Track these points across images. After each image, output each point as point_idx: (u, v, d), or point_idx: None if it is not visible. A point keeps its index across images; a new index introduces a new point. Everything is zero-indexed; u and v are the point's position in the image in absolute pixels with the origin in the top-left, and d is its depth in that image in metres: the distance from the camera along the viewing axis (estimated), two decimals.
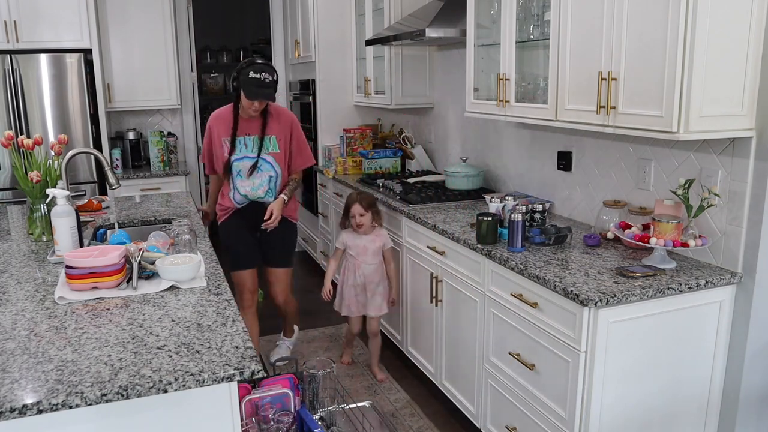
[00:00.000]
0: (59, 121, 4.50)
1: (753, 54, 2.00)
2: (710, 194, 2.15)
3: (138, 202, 3.55)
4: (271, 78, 2.91)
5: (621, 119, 2.15)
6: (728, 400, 2.26)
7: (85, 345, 1.60)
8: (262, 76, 2.89)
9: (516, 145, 3.35)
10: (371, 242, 3.22)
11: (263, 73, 2.89)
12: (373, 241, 3.22)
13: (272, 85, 2.92)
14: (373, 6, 4.32)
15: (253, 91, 2.89)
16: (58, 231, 2.33)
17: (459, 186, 3.55)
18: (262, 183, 3.13)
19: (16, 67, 4.33)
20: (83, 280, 1.98)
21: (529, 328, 2.28)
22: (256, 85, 2.89)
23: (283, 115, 3.17)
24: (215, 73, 7.72)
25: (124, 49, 4.95)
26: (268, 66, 2.93)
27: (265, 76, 2.89)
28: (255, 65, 2.91)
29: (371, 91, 4.45)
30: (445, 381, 3.02)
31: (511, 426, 2.44)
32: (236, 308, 1.85)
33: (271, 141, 3.12)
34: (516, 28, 2.72)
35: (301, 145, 3.25)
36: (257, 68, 2.90)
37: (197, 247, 2.38)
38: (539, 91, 2.73)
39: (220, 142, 3.11)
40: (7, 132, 2.71)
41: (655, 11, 1.97)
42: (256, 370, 1.48)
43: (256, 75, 2.88)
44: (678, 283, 2.05)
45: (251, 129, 3.10)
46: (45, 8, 4.41)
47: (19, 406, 1.32)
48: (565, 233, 2.51)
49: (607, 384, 2.05)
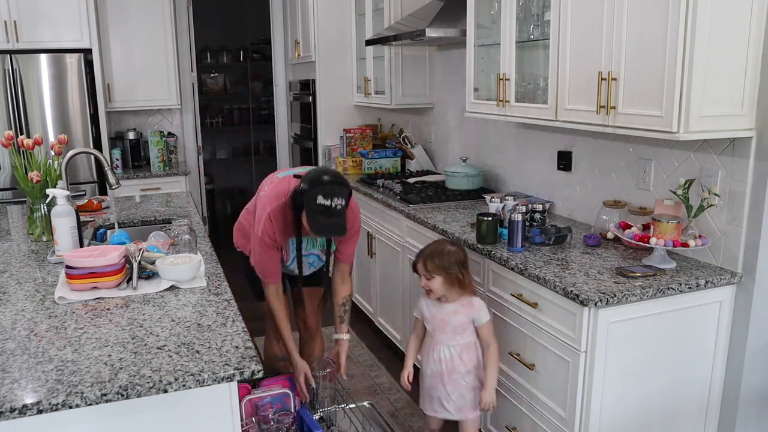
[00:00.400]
0: (59, 121, 4.50)
1: (753, 54, 2.00)
2: (710, 194, 2.15)
3: (138, 202, 3.55)
4: (343, 203, 2.17)
5: (621, 119, 2.15)
6: (728, 400, 2.26)
7: (85, 345, 1.60)
8: (333, 203, 2.15)
9: (516, 145, 3.35)
10: (453, 314, 2.30)
11: (335, 199, 2.15)
12: (455, 313, 2.30)
13: (344, 212, 2.20)
14: (373, 6, 4.32)
15: (322, 224, 2.17)
16: (58, 231, 2.33)
17: (459, 186, 3.55)
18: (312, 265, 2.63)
19: (16, 67, 4.33)
20: (83, 280, 1.98)
21: (529, 328, 2.28)
22: (323, 214, 2.15)
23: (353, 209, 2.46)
24: (215, 73, 7.72)
25: (124, 49, 4.95)
26: (341, 186, 2.18)
27: (337, 203, 2.15)
28: (325, 186, 2.15)
29: (371, 91, 4.45)
30: None
31: (511, 426, 2.44)
32: (236, 308, 1.85)
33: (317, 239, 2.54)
34: (516, 28, 2.72)
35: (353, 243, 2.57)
36: (328, 191, 2.15)
37: (197, 247, 2.38)
38: (539, 91, 2.73)
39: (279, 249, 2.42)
40: (7, 132, 2.71)
41: (655, 11, 1.97)
42: (256, 370, 1.48)
43: (326, 202, 2.14)
44: (678, 283, 2.05)
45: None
46: (45, 8, 4.41)
47: (19, 406, 1.32)
48: (565, 233, 2.51)
49: (607, 384, 2.05)
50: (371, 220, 3.78)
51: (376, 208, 3.69)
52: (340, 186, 2.18)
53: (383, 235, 3.62)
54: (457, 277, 2.27)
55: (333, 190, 2.16)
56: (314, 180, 2.18)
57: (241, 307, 1.93)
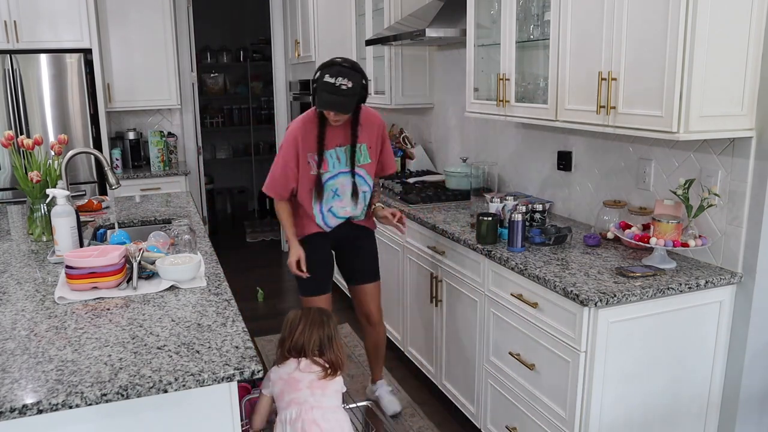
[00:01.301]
0: (59, 121, 4.50)
1: (753, 54, 2.00)
2: (710, 194, 2.15)
3: (138, 202, 3.55)
4: (349, 84, 2.40)
5: (621, 119, 2.15)
6: (728, 400, 2.26)
7: (85, 345, 1.60)
8: (338, 82, 2.39)
9: (516, 145, 3.35)
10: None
11: (340, 78, 2.40)
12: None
13: (349, 93, 2.42)
14: (373, 6, 4.32)
15: (324, 99, 2.43)
16: (58, 231, 2.33)
17: (459, 186, 3.55)
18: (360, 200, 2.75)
19: (16, 67, 4.33)
20: (83, 280, 1.98)
21: (529, 328, 2.28)
22: (329, 91, 2.41)
23: (373, 121, 2.71)
24: (215, 73, 7.72)
25: (124, 49, 4.95)
26: (350, 70, 2.43)
27: (342, 82, 2.39)
28: (333, 67, 2.44)
29: (371, 91, 4.45)
30: (445, 381, 3.02)
31: (511, 426, 2.44)
32: (236, 308, 1.85)
33: (362, 150, 2.69)
34: (516, 28, 2.72)
35: (389, 153, 2.82)
36: (335, 71, 2.42)
37: (197, 247, 2.38)
38: (539, 91, 2.73)
39: (305, 159, 2.62)
40: (7, 132, 2.71)
41: (655, 11, 1.97)
42: (256, 370, 1.48)
43: (331, 80, 2.40)
44: (678, 283, 2.05)
45: (340, 138, 2.64)
46: (45, 8, 4.41)
47: (19, 406, 1.32)
48: (565, 233, 2.51)
49: (607, 384, 2.05)
50: None
51: None
52: (348, 69, 2.42)
53: (383, 235, 3.62)
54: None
55: (340, 70, 2.41)
56: (325, 63, 2.48)
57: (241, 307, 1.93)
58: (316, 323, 2.13)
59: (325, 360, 2.08)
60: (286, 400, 2.04)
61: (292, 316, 2.18)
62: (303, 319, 2.14)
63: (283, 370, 2.08)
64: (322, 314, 2.20)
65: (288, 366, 2.08)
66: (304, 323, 2.13)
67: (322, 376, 2.03)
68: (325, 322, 2.16)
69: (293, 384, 2.04)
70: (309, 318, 2.16)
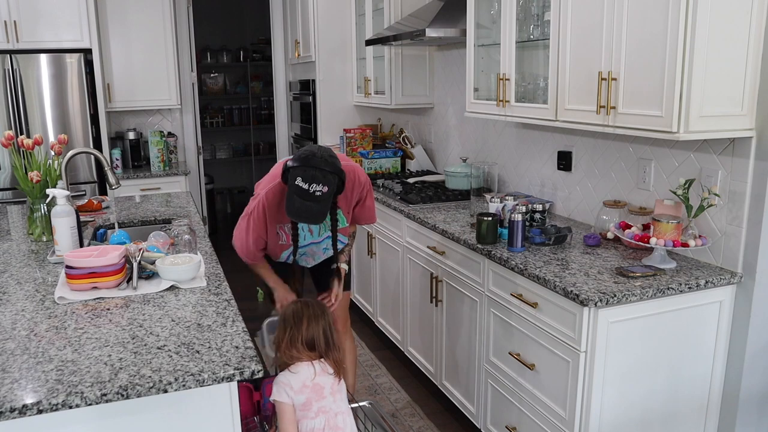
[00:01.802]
0: (59, 121, 4.50)
1: (753, 54, 2.00)
2: (710, 194, 2.15)
3: (138, 202, 3.55)
4: (324, 190, 2.03)
5: (621, 119, 2.15)
6: (728, 400, 2.26)
7: (85, 345, 1.60)
8: (312, 188, 2.02)
9: (516, 145, 3.35)
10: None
11: (314, 184, 2.02)
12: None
13: (324, 198, 2.05)
14: (373, 6, 4.32)
15: (295, 206, 2.04)
16: (58, 231, 2.33)
17: (459, 186, 3.55)
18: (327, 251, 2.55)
19: (16, 67, 4.33)
20: (83, 280, 1.98)
21: (529, 328, 2.28)
22: (300, 196, 2.03)
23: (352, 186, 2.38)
24: (215, 73, 7.72)
25: (124, 49, 4.95)
26: (324, 172, 2.05)
27: (317, 189, 2.02)
28: (307, 169, 2.03)
29: (371, 91, 4.45)
30: (445, 381, 3.02)
31: (511, 426, 2.44)
32: (236, 308, 1.85)
33: (338, 216, 2.41)
34: (516, 28, 2.72)
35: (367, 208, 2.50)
36: (308, 175, 2.03)
37: (197, 247, 2.38)
38: (539, 91, 2.73)
39: (274, 229, 2.36)
40: (7, 132, 2.71)
41: (655, 11, 1.97)
42: (256, 370, 1.48)
43: (304, 185, 2.02)
44: (678, 283, 2.05)
45: None
46: (45, 8, 4.41)
47: (19, 406, 1.32)
48: (565, 233, 2.51)
49: (607, 384, 2.05)
50: None
51: (376, 208, 3.68)
52: (324, 172, 2.03)
53: (383, 235, 3.62)
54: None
55: (314, 175, 2.03)
56: (300, 158, 2.07)
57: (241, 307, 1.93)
58: (317, 315, 1.98)
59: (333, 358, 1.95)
60: (315, 409, 1.89)
61: (291, 309, 2.01)
62: (304, 310, 1.98)
63: (304, 376, 1.89)
64: (318, 305, 2.05)
65: (305, 370, 1.90)
66: (307, 315, 1.97)
67: (338, 380, 1.92)
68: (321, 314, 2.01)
69: (319, 391, 1.89)
70: (309, 310, 2.00)
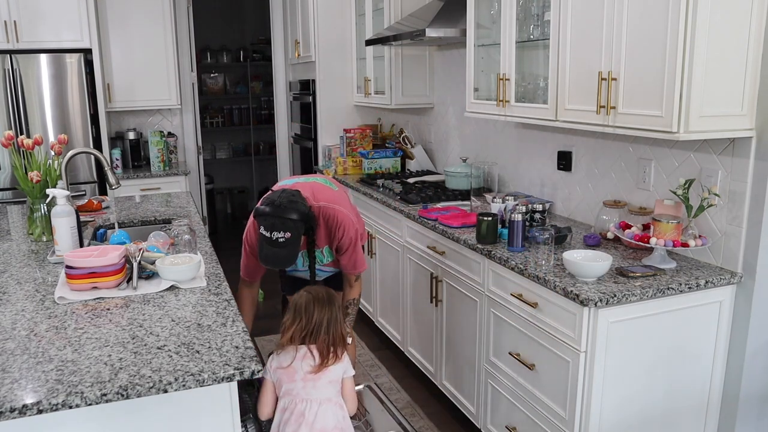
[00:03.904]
0: (59, 121, 4.50)
1: (753, 54, 2.00)
2: (710, 194, 2.15)
3: (138, 202, 3.55)
4: (287, 236, 2.11)
5: (621, 119, 2.15)
6: (728, 400, 2.26)
7: (85, 345, 1.60)
8: (274, 236, 2.11)
9: (516, 145, 3.35)
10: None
11: (275, 233, 2.11)
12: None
13: (289, 243, 2.13)
14: (373, 6, 4.32)
15: (264, 254, 2.15)
16: (58, 231, 2.33)
17: (459, 186, 3.55)
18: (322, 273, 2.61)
19: (16, 67, 4.33)
20: (83, 280, 1.98)
21: (529, 328, 2.28)
22: (267, 243, 2.13)
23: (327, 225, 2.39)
24: (215, 73, 7.72)
25: (124, 49, 4.95)
26: (283, 219, 2.11)
27: (278, 236, 2.11)
28: (267, 218, 2.12)
29: (371, 91, 4.45)
30: (445, 381, 3.02)
31: (511, 426, 2.44)
32: (236, 308, 1.85)
33: (324, 252, 2.47)
34: (516, 28, 2.72)
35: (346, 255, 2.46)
36: (268, 224, 2.11)
37: (197, 247, 2.38)
38: (539, 91, 2.73)
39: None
40: (7, 132, 2.71)
41: (655, 11, 1.97)
42: (256, 370, 1.48)
43: (266, 233, 2.12)
44: (678, 283, 2.05)
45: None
46: (45, 8, 4.41)
47: (19, 406, 1.32)
48: (565, 233, 2.51)
49: (607, 384, 2.05)
50: (371, 220, 3.78)
51: (376, 208, 3.69)
52: (283, 220, 2.11)
53: (383, 235, 3.62)
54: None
55: (273, 223, 2.11)
56: (261, 207, 2.16)
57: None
58: (325, 304, 2.06)
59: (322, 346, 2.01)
60: (284, 389, 2.02)
61: (303, 299, 2.07)
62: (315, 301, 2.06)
63: (283, 359, 2.02)
64: (330, 295, 2.12)
65: (287, 355, 2.02)
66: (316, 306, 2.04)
67: (315, 370, 1.98)
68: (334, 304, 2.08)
69: (291, 374, 2.01)
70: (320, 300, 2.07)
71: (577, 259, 2.14)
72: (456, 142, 4.00)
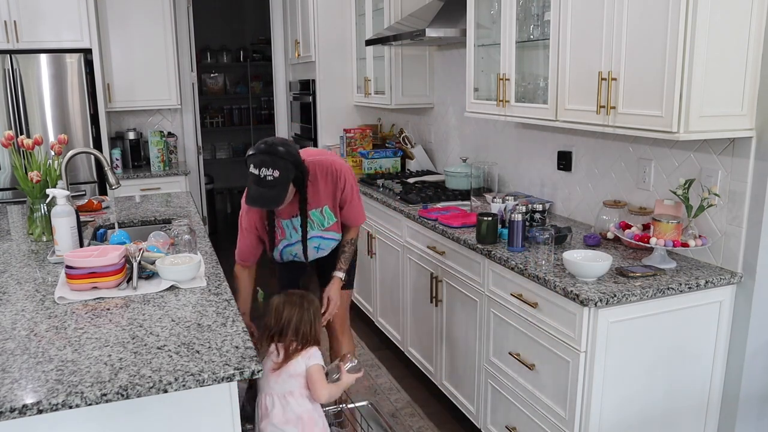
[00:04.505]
0: (59, 121, 4.50)
1: (753, 54, 2.00)
2: (710, 194, 2.15)
3: (138, 202, 3.55)
4: (275, 174, 2.11)
5: (621, 119, 2.15)
6: (728, 400, 2.26)
7: (85, 345, 1.60)
8: (261, 173, 2.11)
9: (516, 145, 3.35)
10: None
11: (263, 169, 2.10)
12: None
13: (277, 183, 2.12)
14: (373, 6, 4.32)
15: (251, 194, 2.14)
16: (58, 231, 2.33)
17: (459, 186, 3.55)
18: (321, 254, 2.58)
19: (16, 67, 4.33)
20: (83, 280, 1.98)
21: (529, 328, 2.28)
22: (254, 182, 2.13)
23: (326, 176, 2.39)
24: (215, 73, 7.72)
25: (124, 49, 4.95)
26: (274, 156, 2.12)
27: (266, 173, 2.10)
28: (256, 155, 2.13)
29: (371, 91, 4.45)
30: (445, 381, 3.02)
31: (511, 426, 2.44)
32: (236, 308, 1.85)
33: (324, 213, 2.43)
34: (516, 28, 2.72)
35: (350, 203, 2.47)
36: (257, 161, 2.11)
37: (197, 247, 2.38)
38: (539, 91, 2.73)
39: (255, 232, 2.45)
40: (7, 132, 2.71)
41: (655, 11, 1.97)
42: (256, 370, 1.48)
43: (255, 170, 2.12)
44: (678, 283, 2.05)
45: (294, 208, 2.38)
46: (45, 8, 4.41)
47: (19, 406, 1.32)
48: (565, 233, 2.51)
49: (607, 384, 2.05)
50: (371, 220, 3.78)
51: (376, 208, 3.69)
52: (272, 156, 2.11)
53: (383, 235, 3.62)
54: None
55: (263, 160, 2.11)
56: (254, 147, 2.17)
57: None
58: (296, 306, 2.11)
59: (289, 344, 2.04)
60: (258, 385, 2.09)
61: (275, 301, 2.14)
62: (286, 303, 2.12)
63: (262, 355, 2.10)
64: (302, 298, 2.15)
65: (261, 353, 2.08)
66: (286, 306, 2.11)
67: (277, 366, 2.01)
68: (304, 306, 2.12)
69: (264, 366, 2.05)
70: (291, 302, 2.13)
71: (577, 259, 2.14)
72: (456, 142, 3.99)
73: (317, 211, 2.43)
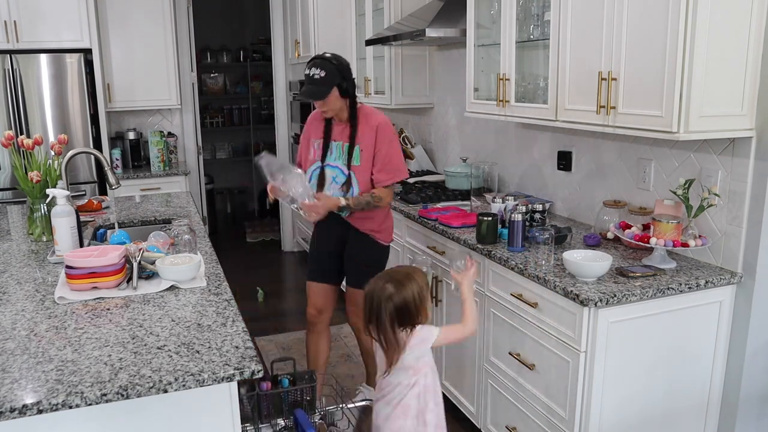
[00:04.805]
0: (59, 121, 4.50)
1: (753, 54, 2.00)
2: (710, 194, 2.15)
3: (138, 202, 3.55)
4: (321, 74, 2.53)
5: (621, 119, 2.15)
6: (728, 400, 2.26)
7: (85, 345, 1.60)
8: (311, 72, 2.55)
9: (516, 145, 3.35)
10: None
11: (314, 69, 2.55)
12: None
13: (322, 82, 2.54)
14: (373, 6, 4.31)
15: (303, 90, 2.60)
16: (58, 231, 2.33)
17: (459, 186, 3.55)
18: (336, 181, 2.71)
19: (16, 67, 4.33)
20: (83, 280, 1.98)
21: (529, 328, 2.28)
22: (306, 81, 2.59)
23: (369, 120, 2.68)
24: (215, 73, 7.72)
25: (124, 49, 4.95)
26: (324, 60, 2.57)
27: (315, 72, 2.54)
28: (311, 60, 2.60)
29: (371, 91, 4.44)
30: (445, 381, 3.02)
31: (511, 426, 2.44)
32: (236, 308, 1.85)
33: (344, 149, 2.70)
34: (516, 28, 2.72)
35: (385, 157, 2.66)
36: (310, 63, 2.58)
37: (197, 247, 2.38)
38: (539, 91, 2.73)
39: (308, 144, 2.80)
40: (7, 132, 2.71)
41: (655, 11, 1.97)
42: (256, 370, 1.48)
43: (307, 71, 2.57)
44: (678, 283, 2.05)
45: (340, 134, 2.71)
46: (45, 8, 4.41)
47: (19, 406, 1.32)
48: (565, 233, 2.51)
49: (607, 384, 2.05)
50: None
51: None
52: (322, 59, 2.57)
53: None
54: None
55: (315, 62, 2.57)
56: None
57: (241, 307, 1.93)
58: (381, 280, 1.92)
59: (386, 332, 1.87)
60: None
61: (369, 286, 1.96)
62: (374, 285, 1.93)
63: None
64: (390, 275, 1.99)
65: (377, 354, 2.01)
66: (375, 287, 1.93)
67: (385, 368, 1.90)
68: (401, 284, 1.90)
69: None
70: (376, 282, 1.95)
71: (577, 259, 2.14)
72: (456, 142, 3.99)
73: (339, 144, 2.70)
